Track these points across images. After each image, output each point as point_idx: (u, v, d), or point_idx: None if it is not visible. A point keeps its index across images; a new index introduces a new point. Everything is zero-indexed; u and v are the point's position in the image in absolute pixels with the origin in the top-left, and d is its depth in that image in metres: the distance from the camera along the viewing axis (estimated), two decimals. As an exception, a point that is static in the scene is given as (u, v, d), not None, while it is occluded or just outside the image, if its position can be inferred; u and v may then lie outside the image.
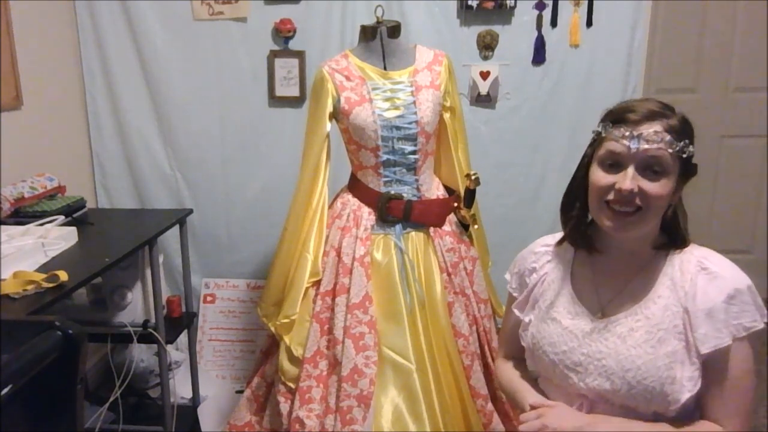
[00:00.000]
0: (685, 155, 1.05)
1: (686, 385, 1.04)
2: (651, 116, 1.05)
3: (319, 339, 1.92)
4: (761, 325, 1.04)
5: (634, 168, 1.04)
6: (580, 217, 1.17)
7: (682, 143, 1.04)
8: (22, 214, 2.03)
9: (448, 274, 1.98)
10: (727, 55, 3.17)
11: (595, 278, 1.16)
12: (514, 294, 1.31)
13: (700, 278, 1.07)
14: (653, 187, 1.04)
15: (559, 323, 1.17)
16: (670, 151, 1.03)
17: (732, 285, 1.04)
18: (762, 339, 1.05)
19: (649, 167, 1.04)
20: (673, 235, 1.12)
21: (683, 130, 1.06)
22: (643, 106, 1.07)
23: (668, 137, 1.03)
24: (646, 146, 1.03)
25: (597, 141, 1.11)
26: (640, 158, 1.04)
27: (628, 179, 1.03)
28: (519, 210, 2.82)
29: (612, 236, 1.11)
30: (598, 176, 1.08)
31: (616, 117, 1.08)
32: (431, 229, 1.98)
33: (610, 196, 1.06)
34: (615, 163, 1.07)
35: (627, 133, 1.04)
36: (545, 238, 1.29)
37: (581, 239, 1.18)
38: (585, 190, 1.13)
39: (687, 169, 1.08)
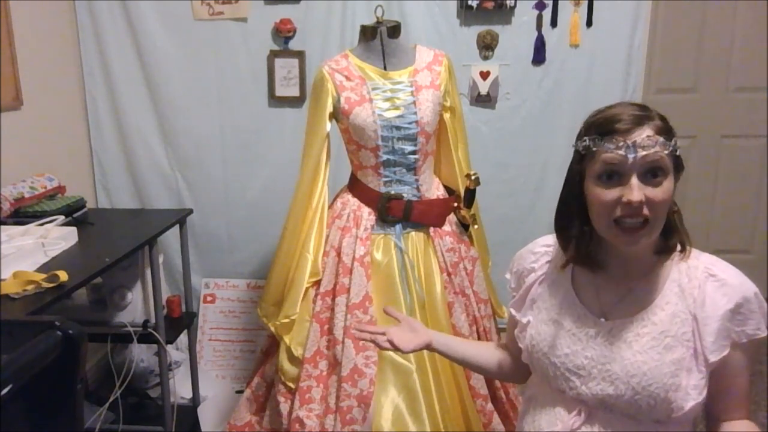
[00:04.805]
0: (677, 152, 1.04)
1: (691, 393, 1.03)
2: (638, 121, 1.02)
3: (319, 339, 1.92)
4: (764, 334, 1.03)
5: (636, 177, 1.00)
6: (581, 236, 1.11)
7: (673, 141, 1.03)
8: (22, 214, 2.03)
9: (448, 274, 1.98)
10: (727, 55, 3.16)
11: (596, 282, 1.14)
12: (513, 293, 1.30)
13: (709, 285, 1.06)
14: (657, 193, 1.00)
15: (561, 325, 1.15)
16: (666, 152, 1.00)
17: (740, 293, 1.04)
18: (762, 341, 1.06)
19: (650, 173, 1.01)
20: (671, 236, 1.10)
21: (668, 128, 1.04)
22: (625, 112, 1.04)
23: (661, 139, 1.01)
24: (644, 153, 0.99)
25: (586, 156, 1.06)
26: (640, 166, 1.00)
27: (635, 190, 0.99)
28: (519, 210, 2.82)
29: (618, 248, 1.08)
30: (599, 193, 1.04)
31: (604, 129, 1.04)
32: (431, 229, 1.98)
33: (618, 212, 1.02)
34: (612, 175, 1.02)
35: (621, 143, 1.00)
36: (545, 238, 1.27)
37: (587, 259, 1.14)
38: (582, 209, 1.09)
39: (678, 166, 1.06)
